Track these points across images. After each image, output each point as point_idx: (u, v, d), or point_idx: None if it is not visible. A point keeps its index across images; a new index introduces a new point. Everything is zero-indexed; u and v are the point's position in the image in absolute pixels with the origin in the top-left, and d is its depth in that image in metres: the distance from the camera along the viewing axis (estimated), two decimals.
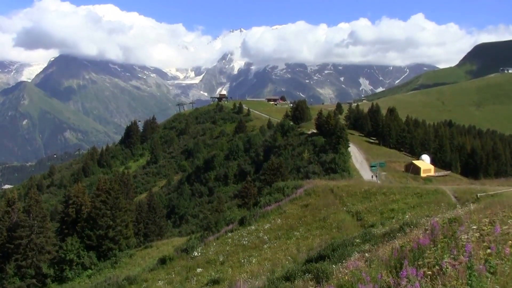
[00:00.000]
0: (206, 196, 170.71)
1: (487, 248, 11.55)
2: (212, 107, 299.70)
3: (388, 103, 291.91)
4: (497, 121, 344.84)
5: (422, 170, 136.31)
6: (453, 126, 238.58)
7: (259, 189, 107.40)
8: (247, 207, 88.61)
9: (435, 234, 15.32)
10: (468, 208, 26.72)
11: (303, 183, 75.27)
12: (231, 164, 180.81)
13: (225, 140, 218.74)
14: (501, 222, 15.89)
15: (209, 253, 53.39)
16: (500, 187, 57.46)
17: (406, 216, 40.37)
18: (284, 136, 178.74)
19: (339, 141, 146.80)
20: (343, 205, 57.44)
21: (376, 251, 20.76)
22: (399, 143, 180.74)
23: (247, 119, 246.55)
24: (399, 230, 26.81)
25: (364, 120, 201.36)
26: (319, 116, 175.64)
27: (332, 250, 29.09)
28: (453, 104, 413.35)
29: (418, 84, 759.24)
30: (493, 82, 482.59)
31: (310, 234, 48.54)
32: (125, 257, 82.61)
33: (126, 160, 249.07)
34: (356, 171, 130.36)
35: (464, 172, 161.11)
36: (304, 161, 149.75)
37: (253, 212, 65.86)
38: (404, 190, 59.19)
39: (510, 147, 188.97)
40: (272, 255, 44.25)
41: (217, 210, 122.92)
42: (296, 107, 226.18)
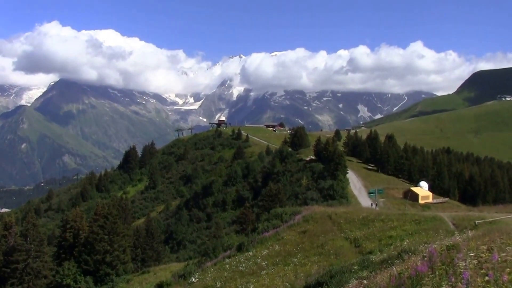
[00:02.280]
0: (204, 221, 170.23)
1: (485, 276, 11.56)
2: (211, 133, 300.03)
3: (387, 130, 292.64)
4: (495, 148, 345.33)
5: (420, 197, 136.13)
6: (451, 153, 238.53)
7: (257, 215, 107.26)
8: (245, 233, 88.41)
9: (433, 261, 15.30)
10: (466, 235, 26.70)
11: (301, 210, 75.17)
12: (229, 190, 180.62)
13: (224, 166, 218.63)
14: (499, 249, 15.90)
15: (207, 279, 53.23)
16: (498, 214, 57.44)
17: (404, 243, 40.33)
18: (282, 162, 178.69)
19: (337, 167, 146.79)
20: (341, 232, 57.38)
21: (374, 278, 20.74)
22: (397, 170, 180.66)
23: (246, 145, 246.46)
24: (397, 257, 26.79)
25: (363, 147, 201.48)
26: (317, 142, 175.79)
27: (330, 276, 29.08)
28: (451, 131, 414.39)
29: (416, 111, 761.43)
30: (491, 109, 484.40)
31: (308, 261, 48.46)
32: (122, 282, 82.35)
33: (125, 185, 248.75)
34: (354, 198, 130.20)
35: (462, 199, 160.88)
36: (302, 188, 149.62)
37: (251, 238, 65.74)
38: (402, 217, 59.16)
39: (508, 174, 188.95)
40: (270, 281, 44.13)
41: (215, 236, 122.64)
42: (294, 134, 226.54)
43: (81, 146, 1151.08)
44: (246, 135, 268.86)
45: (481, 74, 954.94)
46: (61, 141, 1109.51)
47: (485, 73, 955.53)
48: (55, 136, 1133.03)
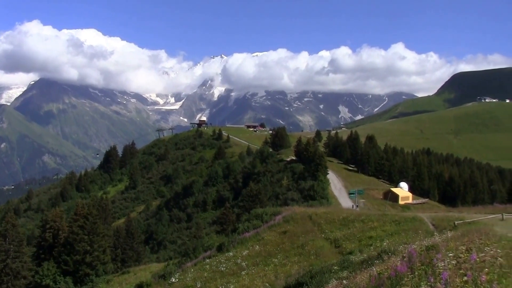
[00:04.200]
0: (185, 222, 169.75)
1: (463, 276, 11.60)
2: (192, 133, 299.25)
3: (367, 131, 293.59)
4: (475, 150, 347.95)
5: (400, 198, 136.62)
6: (431, 154, 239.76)
7: (237, 215, 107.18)
8: (226, 233, 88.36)
9: (413, 262, 15.34)
10: (446, 235, 26.78)
11: (281, 210, 75.16)
12: (210, 190, 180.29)
13: (204, 166, 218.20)
14: (478, 249, 15.96)
15: (187, 280, 53.10)
16: (477, 214, 57.67)
17: (384, 244, 40.40)
18: (263, 163, 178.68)
19: (318, 168, 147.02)
20: (322, 232, 57.41)
21: (354, 278, 20.75)
22: (378, 171, 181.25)
23: (227, 145, 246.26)
24: (377, 257, 26.82)
25: (343, 147, 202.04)
26: (298, 143, 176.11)
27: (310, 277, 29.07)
28: (432, 132, 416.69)
29: (397, 112, 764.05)
30: (471, 111, 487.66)
31: (288, 261, 48.45)
32: (102, 282, 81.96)
33: (105, 185, 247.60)
34: (334, 198, 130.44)
35: (442, 199, 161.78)
36: (283, 188, 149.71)
37: (232, 238, 65.65)
38: (382, 217, 59.28)
39: (487, 175, 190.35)
40: (250, 282, 44.08)
41: (196, 236, 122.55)
42: (275, 134, 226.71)
43: (61, 146, 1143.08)
44: (227, 135, 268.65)
45: (461, 76, 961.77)
46: (41, 141, 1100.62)
47: (465, 75, 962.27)
48: (35, 135, 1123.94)
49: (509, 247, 18.92)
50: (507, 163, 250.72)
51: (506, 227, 33.80)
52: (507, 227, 33.91)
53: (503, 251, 16.44)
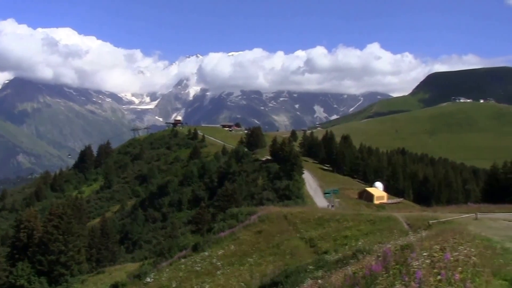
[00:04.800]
0: (160, 221, 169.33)
1: (437, 275, 11.63)
2: (167, 133, 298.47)
3: (342, 130, 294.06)
4: (449, 149, 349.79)
5: (375, 197, 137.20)
6: (406, 154, 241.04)
7: (213, 215, 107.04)
8: (201, 233, 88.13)
9: (388, 261, 15.35)
10: (420, 235, 26.88)
11: (257, 210, 75.16)
12: (185, 190, 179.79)
13: (180, 166, 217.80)
14: (452, 248, 16.01)
15: (162, 279, 52.97)
16: (452, 214, 58.03)
17: (359, 243, 40.48)
18: (238, 163, 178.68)
19: (293, 168, 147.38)
20: (297, 232, 57.45)
21: (329, 277, 20.74)
22: (353, 171, 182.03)
23: (202, 145, 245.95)
24: (352, 256, 26.90)
25: (318, 147, 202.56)
26: (273, 143, 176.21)
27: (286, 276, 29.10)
28: (406, 132, 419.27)
29: (372, 112, 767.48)
30: (445, 111, 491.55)
31: (264, 261, 48.45)
32: (77, 283, 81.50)
33: (80, 185, 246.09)
34: (310, 198, 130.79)
35: (417, 199, 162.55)
36: (258, 188, 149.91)
37: (207, 238, 65.55)
38: (357, 217, 59.45)
39: (461, 175, 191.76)
40: (225, 281, 44.04)
41: (171, 236, 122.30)
42: (251, 134, 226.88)
43: (36, 145, 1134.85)
44: (202, 135, 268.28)
45: (436, 76, 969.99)
46: (16, 140, 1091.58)
47: (440, 75, 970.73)
48: (10, 135, 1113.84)
49: (482, 246, 19.07)
50: (481, 162, 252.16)
51: (480, 227, 34.07)
52: (481, 227, 34.18)
53: (476, 250, 16.55)
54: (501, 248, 20.33)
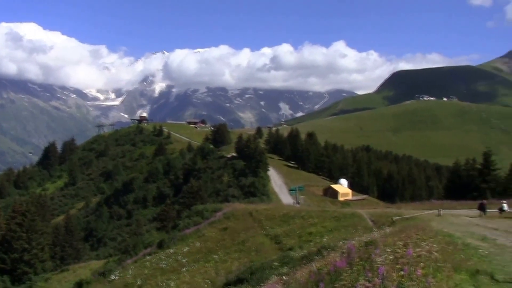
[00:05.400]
0: (125, 219, 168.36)
1: (400, 270, 11.80)
2: (132, 129, 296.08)
3: (308, 128, 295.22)
4: (413, 147, 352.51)
5: (340, 194, 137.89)
6: (371, 151, 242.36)
7: (178, 212, 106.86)
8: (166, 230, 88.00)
9: (352, 257, 15.51)
10: (384, 231, 27.23)
11: (222, 207, 75.25)
12: (150, 187, 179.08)
13: (145, 163, 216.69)
14: (415, 244, 16.25)
15: (127, 277, 52.81)
16: (415, 210, 58.66)
17: (324, 240, 40.80)
18: (204, 159, 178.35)
19: (258, 165, 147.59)
20: (262, 229, 57.63)
21: (294, 274, 20.91)
22: (318, 168, 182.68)
23: (167, 141, 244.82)
24: (317, 253, 27.07)
25: (284, 144, 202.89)
26: (239, 139, 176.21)
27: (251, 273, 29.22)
28: (371, 129, 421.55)
29: (337, 110, 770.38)
30: (409, 108, 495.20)
31: (229, 258, 48.58)
32: (40, 281, 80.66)
33: (44, 182, 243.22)
34: (275, 195, 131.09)
35: (381, 196, 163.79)
36: (223, 185, 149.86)
37: (172, 235, 65.49)
38: (322, 214, 59.79)
39: (425, 172, 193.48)
40: (190, 278, 44.06)
41: (136, 233, 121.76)
42: (216, 131, 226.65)
43: None
44: (168, 131, 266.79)
45: (401, 74, 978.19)
46: None
47: (405, 73, 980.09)
48: None
49: (444, 242, 19.37)
50: (444, 160, 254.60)
51: (442, 223, 34.54)
52: (443, 223, 34.65)
53: (438, 246, 16.81)
54: (462, 244, 20.67)
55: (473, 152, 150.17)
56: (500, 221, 41.40)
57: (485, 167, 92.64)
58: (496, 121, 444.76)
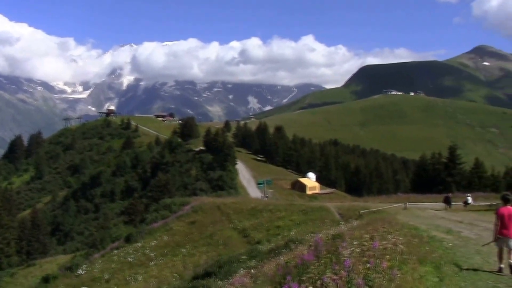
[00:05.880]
0: (92, 212, 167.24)
1: (366, 263, 11.93)
2: (100, 123, 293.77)
3: (276, 121, 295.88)
4: (380, 141, 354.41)
5: (308, 188, 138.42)
6: (339, 145, 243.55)
7: (146, 206, 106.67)
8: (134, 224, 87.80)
9: (319, 250, 15.61)
10: (351, 224, 27.44)
11: (190, 200, 75.25)
12: (118, 181, 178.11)
13: (112, 156, 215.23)
14: (381, 237, 16.44)
15: (94, 271, 52.57)
16: (382, 204, 59.21)
17: (292, 233, 40.97)
18: (172, 153, 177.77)
19: (226, 158, 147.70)
20: (230, 222, 57.74)
21: (261, 267, 21.00)
22: (286, 161, 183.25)
23: (135, 135, 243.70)
24: (284, 246, 27.20)
25: (252, 138, 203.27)
26: (207, 133, 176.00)
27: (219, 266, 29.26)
28: (339, 123, 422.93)
29: (305, 104, 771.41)
30: (377, 103, 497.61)
31: (197, 251, 48.60)
32: (6, 276, 79.86)
33: (10, 176, 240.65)
34: (243, 189, 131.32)
35: (348, 189, 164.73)
36: (191, 178, 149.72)
37: (140, 229, 65.33)
38: (290, 207, 60.04)
39: (392, 165, 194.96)
40: (158, 272, 44.04)
41: (103, 227, 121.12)
42: (184, 124, 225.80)
43: None
44: (136, 125, 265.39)
45: (369, 69, 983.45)
46: None
47: (372, 68, 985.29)
48: None
49: (410, 235, 19.61)
50: (411, 154, 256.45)
51: (408, 216, 34.93)
52: (409, 216, 35.05)
53: (404, 239, 17.02)
54: (427, 237, 20.91)
55: (439, 146, 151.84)
56: (465, 214, 41.99)
57: (450, 161, 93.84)
58: (462, 116, 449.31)
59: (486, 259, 16.29)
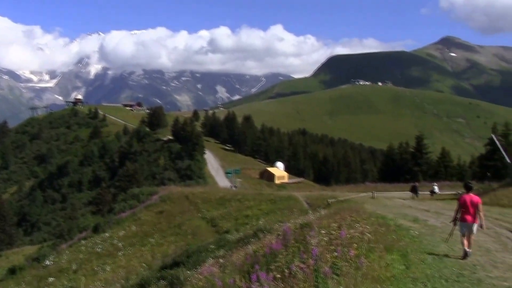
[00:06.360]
0: (60, 203, 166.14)
1: (333, 251, 12.02)
2: (67, 112, 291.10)
3: (244, 111, 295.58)
4: (348, 131, 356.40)
5: (276, 177, 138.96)
6: (307, 134, 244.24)
7: (114, 195, 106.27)
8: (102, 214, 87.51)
9: (287, 239, 15.67)
10: (319, 213, 27.53)
11: (158, 190, 75.11)
12: (85, 170, 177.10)
13: (80, 146, 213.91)
14: (349, 226, 16.56)
15: (62, 262, 52.19)
16: (350, 193, 59.64)
17: (260, 222, 40.94)
18: (140, 142, 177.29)
19: (195, 148, 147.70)
20: (198, 212, 57.72)
21: (230, 256, 21.00)
22: (254, 151, 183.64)
23: (103, 124, 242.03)
24: (253, 235, 27.20)
25: (220, 127, 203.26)
26: (175, 122, 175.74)
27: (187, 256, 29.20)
28: (307, 113, 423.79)
29: (274, 93, 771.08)
30: (345, 93, 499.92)
31: (165, 241, 48.51)
32: None
33: None
34: (211, 178, 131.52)
35: (317, 179, 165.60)
36: (159, 168, 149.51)
37: (108, 219, 65.10)
38: (258, 196, 60.17)
39: (360, 155, 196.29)
40: (126, 262, 43.85)
41: (71, 217, 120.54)
42: (152, 113, 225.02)
43: None
44: (103, 114, 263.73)
45: (337, 59, 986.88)
46: None
47: (341, 58, 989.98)
48: None
49: (377, 224, 19.75)
50: (378, 143, 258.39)
51: (376, 205, 35.16)
52: (377, 205, 35.28)
53: (371, 228, 17.16)
54: (394, 225, 21.09)
55: (406, 136, 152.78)
56: (431, 202, 42.39)
57: (417, 150, 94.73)
58: (429, 106, 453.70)
59: (452, 247, 16.51)
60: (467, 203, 15.95)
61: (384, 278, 11.76)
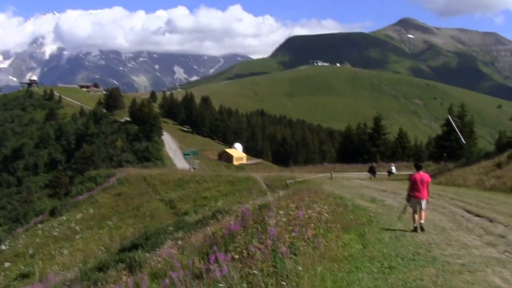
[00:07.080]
0: (15, 186, 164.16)
1: (291, 232, 12.06)
2: (22, 93, 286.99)
3: (202, 92, 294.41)
4: (307, 112, 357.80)
5: (235, 158, 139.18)
6: (265, 115, 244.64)
7: (70, 178, 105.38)
8: (58, 197, 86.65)
9: (246, 220, 15.73)
10: (278, 194, 27.64)
11: (115, 172, 74.86)
12: (41, 153, 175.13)
13: (35, 128, 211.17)
14: (307, 207, 16.63)
15: (18, 246, 51.68)
16: (308, 174, 60.01)
17: (219, 204, 41.11)
18: (96, 124, 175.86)
19: (152, 129, 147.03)
20: (157, 194, 57.66)
21: (189, 238, 21.02)
22: (213, 132, 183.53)
23: (59, 106, 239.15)
24: (211, 217, 27.26)
25: (178, 108, 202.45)
26: (133, 104, 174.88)
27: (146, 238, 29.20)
28: (266, 94, 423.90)
29: (232, 74, 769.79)
30: (304, 74, 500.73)
31: (123, 223, 48.40)
32: None
33: None
34: (169, 160, 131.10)
35: (275, 160, 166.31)
36: (117, 150, 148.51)
37: (65, 202, 64.63)
38: (217, 178, 60.31)
39: (318, 136, 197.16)
40: (84, 245, 43.63)
41: (27, 201, 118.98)
42: (109, 95, 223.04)
43: None
44: (59, 95, 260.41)
45: (296, 39, 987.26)
46: None
47: (299, 38, 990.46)
48: None
49: (335, 204, 19.92)
50: (337, 124, 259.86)
51: (334, 185, 35.45)
52: (335, 185, 35.57)
53: (329, 208, 17.29)
54: (352, 205, 21.27)
55: (364, 117, 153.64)
56: (389, 183, 42.91)
57: (375, 131, 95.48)
58: (387, 87, 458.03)
59: (409, 226, 16.72)
60: (417, 181, 16.74)
61: (341, 258, 11.86)
